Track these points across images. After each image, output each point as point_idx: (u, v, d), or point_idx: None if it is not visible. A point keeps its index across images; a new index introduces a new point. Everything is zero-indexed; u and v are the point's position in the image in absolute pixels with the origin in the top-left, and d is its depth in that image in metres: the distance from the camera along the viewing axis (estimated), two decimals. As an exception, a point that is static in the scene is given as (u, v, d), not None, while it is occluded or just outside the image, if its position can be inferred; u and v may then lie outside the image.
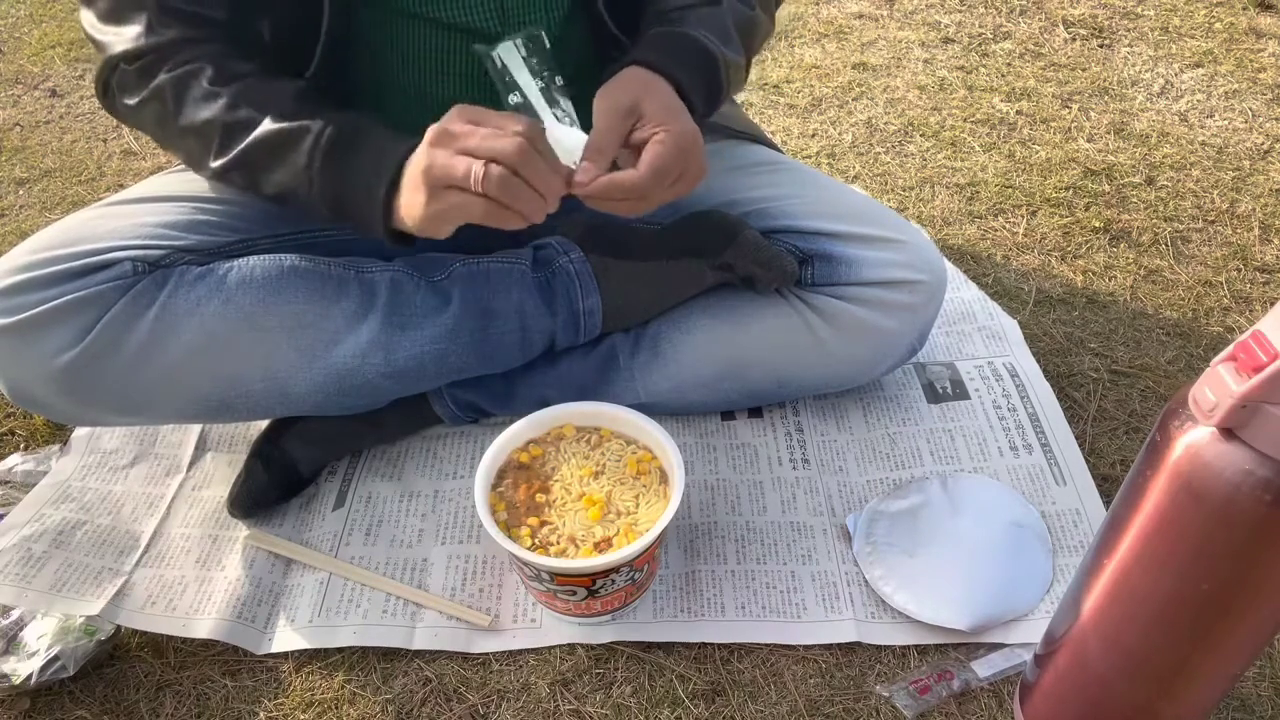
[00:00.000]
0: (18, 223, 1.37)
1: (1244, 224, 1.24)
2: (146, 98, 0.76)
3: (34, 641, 0.79)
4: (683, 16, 0.80)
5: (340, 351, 0.82)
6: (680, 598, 0.82)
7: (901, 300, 0.87)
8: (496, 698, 0.77)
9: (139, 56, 0.75)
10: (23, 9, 1.99)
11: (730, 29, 0.82)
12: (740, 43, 0.83)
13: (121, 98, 0.78)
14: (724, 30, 0.81)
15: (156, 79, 0.75)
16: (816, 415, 0.98)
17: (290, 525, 0.91)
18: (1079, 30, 1.70)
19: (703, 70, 0.78)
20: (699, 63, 0.78)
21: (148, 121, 0.78)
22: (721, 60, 0.79)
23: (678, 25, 0.79)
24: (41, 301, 0.73)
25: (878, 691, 0.75)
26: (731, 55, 0.81)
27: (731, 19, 0.82)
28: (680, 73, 0.75)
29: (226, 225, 0.83)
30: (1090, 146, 1.40)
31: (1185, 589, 0.54)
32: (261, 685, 0.79)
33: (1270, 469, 0.47)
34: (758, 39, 0.88)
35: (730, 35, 0.82)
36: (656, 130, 0.70)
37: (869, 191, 1.34)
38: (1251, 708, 0.74)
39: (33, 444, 1.01)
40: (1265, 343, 0.45)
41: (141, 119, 0.78)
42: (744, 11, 0.84)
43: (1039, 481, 0.91)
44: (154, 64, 0.75)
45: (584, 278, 0.88)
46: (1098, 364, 1.04)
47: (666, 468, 0.79)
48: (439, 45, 0.81)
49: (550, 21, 0.81)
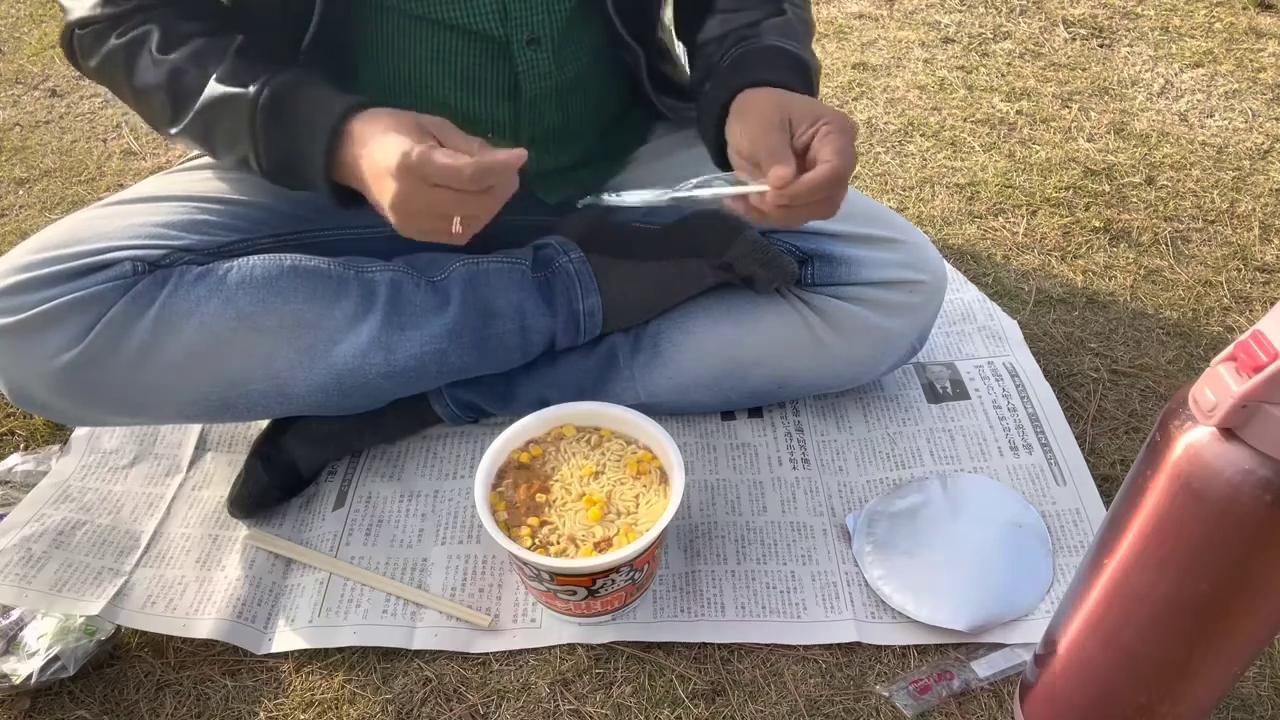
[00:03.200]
0: (18, 223, 1.37)
1: (1244, 224, 1.24)
2: (101, 62, 0.77)
3: (34, 641, 0.79)
4: (758, 31, 0.80)
5: (340, 351, 0.82)
6: (680, 598, 0.82)
7: (902, 300, 0.87)
8: (496, 698, 0.77)
9: (91, 23, 0.76)
10: (23, 9, 1.99)
11: (800, 34, 0.83)
12: (808, 45, 0.84)
13: (83, 61, 0.79)
14: (799, 36, 0.82)
15: (108, 43, 0.76)
16: (816, 415, 0.98)
17: (290, 525, 0.91)
18: (1079, 30, 1.70)
19: (801, 77, 0.78)
20: (798, 71, 0.78)
21: (108, 83, 0.80)
22: (810, 64, 0.80)
23: (757, 40, 0.79)
24: (41, 301, 0.73)
25: (878, 691, 0.75)
26: (811, 59, 0.81)
27: (799, 25, 0.83)
28: (792, 82, 0.75)
29: (226, 225, 0.83)
30: (1090, 146, 1.40)
31: (1185, 589, 0.54)
32: (261, 685, 0.79)
33: (1270, 469, 0.47)
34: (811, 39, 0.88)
35: (804, 39, 0.82)
36: (818, 127, 0.68)
37: (869, 191, 1.34)
38: (1251, 708, 0.74)
39: (33, 444, 1.01)
40: (1265, 343, 0.45)
41: (103, 81, 0.80)
42: (805, 17, 0.86)
43: (1039, 481, 0.91)
44: (105, 29, 0.76)
45: (584, 278, 0.88)
46: (1098, 364, 1.04)
47: (666, 468, 0.79)
48: (441, 46, 0.81)
49: (552, 23, 0.81)
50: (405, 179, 0.65)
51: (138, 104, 0.78)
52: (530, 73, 0.83)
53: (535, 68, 0.83)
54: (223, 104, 0.73)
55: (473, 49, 0.81)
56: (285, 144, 0.72)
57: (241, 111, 0.72)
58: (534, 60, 0.83)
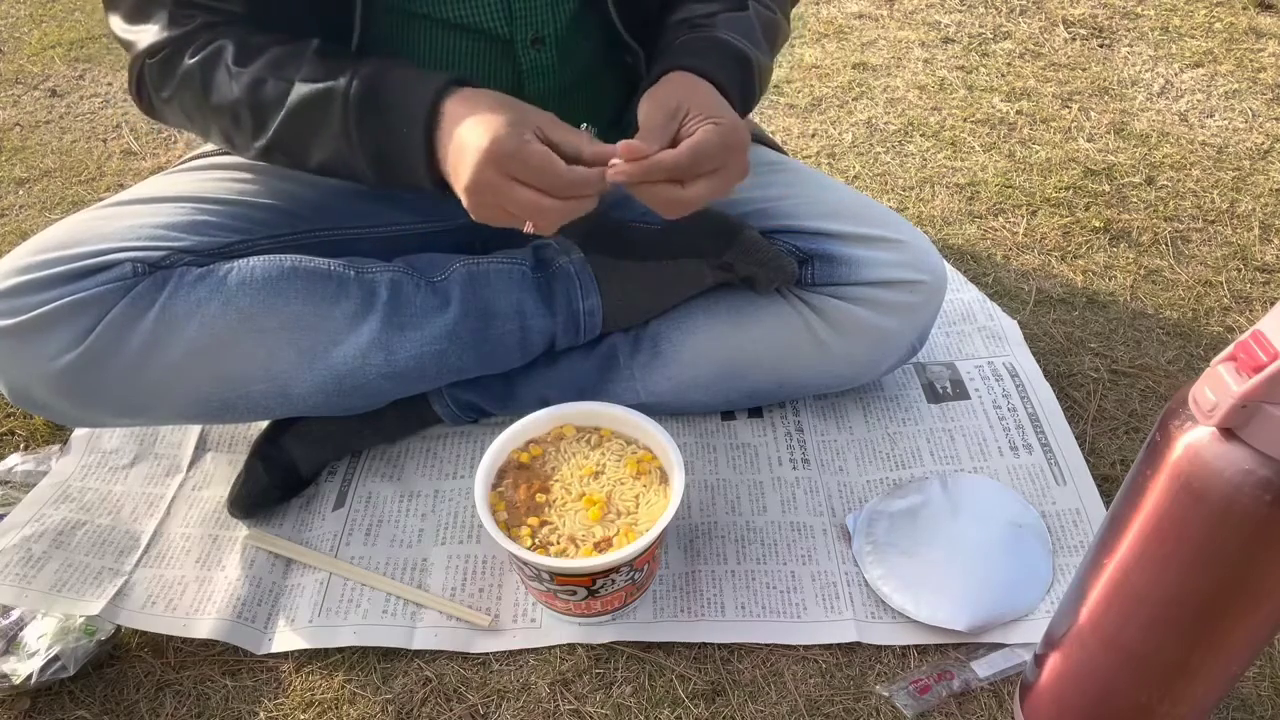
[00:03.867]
0: (18, 223, 1.37)
1: (1244, 224, 1.24)
2: (176, 87, 0.76)
3: (34, 641, 0.79)
4: (711, 22, 0.80)
5: (340, 352, 0.82)
6: (680, 598, 0.82)
7: (901, 300, 0.87)
8: (496, 698, 0.77)
9: (161, 49, 0.75)
10: (23, 9, 1.99)
11: (757, 31, 0.83)
12: (767, 45, 0.84)
13: (155, 94, 0.78)
14: (752, 33, 0.82)
15: (181, 66, 0.75)
16: (816, 415, 0.98)
17: (290, 525, 0.91)
18: (1079, 30, 1.70)
19: (738, 72, 0.79)
20: (734, 65, 0.78)
21: (183, 111, 0.78)
22: (755, 62, 0.80)
23: (707, 30, 0.79)
24: (42, 303, 0.73)
25: (878, 691, 0.75)
26: (762, 57, 0.81)
27: (757, 22, 0.83)
28: (719, 74, 0.75)
29: (227, 226, 0.83)
30: (1090, 146, 1.40)
31: (1185, 589, 0.54)
32: (261, 685, 0.79)
33: (1270, 469, 0.47)
34: (779, 40, 0.89)
35: (758, 37, 0.82)
36: (703, 122, 0.69)
37: (869, 191, 1.34)
38: (1251, 708, 0.74)
39: (33, 444, 1.01)
40: (1265, 343, 0.45)
41: (176, 111, 0.78)
42: (766, 14, 0.85)
43: (1039, 481, 0.91)
44: (175, 53, 0.75)
45: (584, 278, 0.88)
46: (1098, 364, 1.04)
47: (666, 468, 0.79)
48: (447, 45, 0.81)
49: (556, 23, 0.81)
50: (489, 166, 0.64)
51: (219, 123, 0.76)
52: (534, 72, 0.83)
53: (539, 67, 0.83)
54: (312, 103, 0.71)
55: (477, 48, 0.81)
56: (380, 134, 0.70)
57: (334, 107, 0.70)
58: (538, 60, 0.83)
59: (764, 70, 0.83)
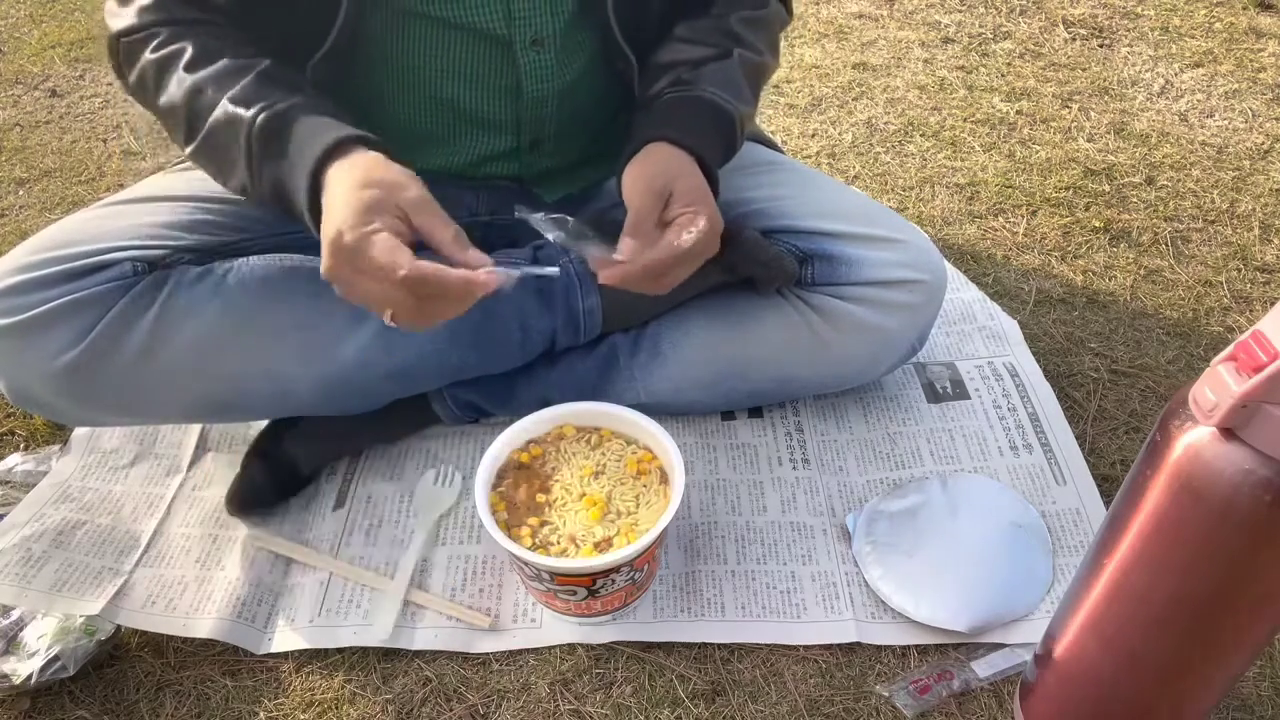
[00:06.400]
0: (18, 223, 1.37)
1: (1244, 224, 1.24)
2: (136, 78, 0.76)
3: (34, 641, 0.79)
4: (696, 75, 0.81)
5: (340, 352, 0.81)
6: (680, 598, 0.82)
7: (902, 300, 0.87)
8: (496, 698, 0.77)
9: (130, 33, 0.75)
10: (23, 9, 1.99)
11: (741, 81, 0.83)
12: (751, 91, 0.85)
13: (126, 74, 0.78)
14: (736, 85, 0.82)
15: (142, 58, 0.75)
16: (816, 415, 0.98)
17: (290, 525, 0.91)
18: (1079, 30, 1.70)
19: (722, 133, 0.80)
20: (717, 127, 0.80)
21: (142, 101, 0.78)
22: (737, 117, 0.81)
23: (692, 87, 0.80)
24: (42, 302, 0.73)
25: (878, 691, 0.75)
26: (744, 108, 0.82)
27: (742, 70, 0.84)
28: (703, 146, 0.77)
29: (227, 225, 0.83)
30: (1090, 146, 1.40)
31: (1185, 589, 0.54)
32: (261, 685, 0.79)
33: (1270, 469, 0.47)
34: (765, 80, 0.90)
35: (742, 88, 0.83)
36: (687, 212, 0.72)
37: (869, 191, 1.34)
38: (1251, 708, 0.74)
39: (33, 444, 1.01)
40: (1265, 343, 0.45)
41: (138, 98, 0.78)
42: (752, 59, 0.85)
43: (1039, 481, 0.91)
44: (140, 43, 0.75)
45: (584, 278, 0.88)
46: (1098, 364, 1.04)
47: (666, 468, 0.79)
48: (447, 45, 0.81)
49: (555, 24, 0.81)
50: (331, 258, 0.63)
51: (163, 122, 0.77)
52: (532, 73, 0.83)
53: (538, 68, 0.83)
54: (226, 126, 0.71)
55: (477, 48, 0.81)
56: (275, 173, 0.69)
57: (240, 137, 0.70)
58: (536, 61, 0.82)
59: (746, 119, 0.84)
